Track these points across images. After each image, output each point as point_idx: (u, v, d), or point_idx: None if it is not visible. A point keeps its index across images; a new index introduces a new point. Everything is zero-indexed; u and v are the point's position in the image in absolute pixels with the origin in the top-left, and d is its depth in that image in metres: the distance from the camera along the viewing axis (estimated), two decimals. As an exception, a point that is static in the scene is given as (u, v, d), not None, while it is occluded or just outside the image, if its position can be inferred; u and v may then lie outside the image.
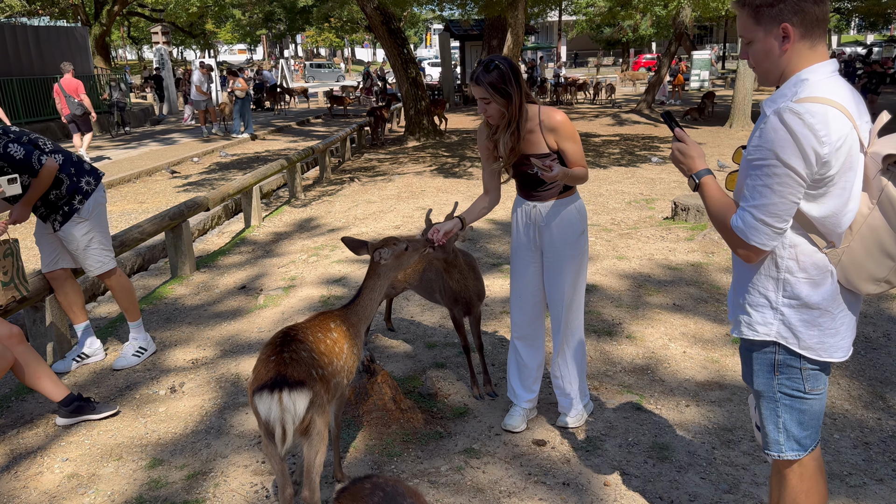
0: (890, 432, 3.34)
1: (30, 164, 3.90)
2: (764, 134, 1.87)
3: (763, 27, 1.92)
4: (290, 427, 2.29)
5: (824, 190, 1.87)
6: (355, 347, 2.83)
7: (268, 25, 47.16)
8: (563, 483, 3.03)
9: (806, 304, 1.98)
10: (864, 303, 4.99)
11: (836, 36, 59.03)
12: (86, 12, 29.09)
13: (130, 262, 6.86)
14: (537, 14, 22.90)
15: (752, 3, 1.91)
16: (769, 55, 1.94)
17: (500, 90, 2.95)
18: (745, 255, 1.97)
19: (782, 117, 1.82)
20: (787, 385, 2.06)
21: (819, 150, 1.80)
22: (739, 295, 2.11)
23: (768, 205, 1.87)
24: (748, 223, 1.91)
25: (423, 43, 69.09)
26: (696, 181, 2.07)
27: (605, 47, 51.44)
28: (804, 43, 1.89)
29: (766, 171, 1.86)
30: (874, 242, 1.89)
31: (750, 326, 2.07)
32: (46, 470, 3.29)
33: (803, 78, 1.89)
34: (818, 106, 1.81)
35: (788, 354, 2.04)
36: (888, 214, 1.86)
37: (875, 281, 1.93)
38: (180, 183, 11.58)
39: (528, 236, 3.29)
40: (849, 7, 26.58)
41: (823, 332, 1.99)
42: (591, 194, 9.03)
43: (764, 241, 1.92)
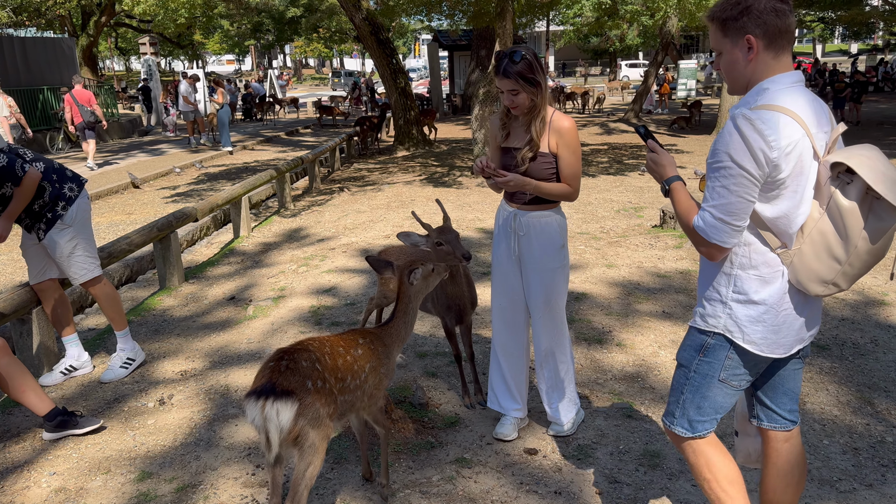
0: (879, 437, 3.36)
1: (13, 172, 3.88)
2: (720, 138, 2.00)
3: (730, 39, 2.05)
4: (273, 435, 2.28)
5: (777, 192, 1.98)
6: (383, 367, 2.82)
7: (256, 36, 47.19)
8: (554, 492, 3.02)
9: (753, 301, 2.09)
10: (852, 309, 5.02)
11: (821, 45, 59.67)
12: (73, 23, 29.01)
13: (118, 274, 6.82)
14: (525, 24, 22.99)
15: (720, 16, 2.05)
16: (735, 65, 2.07)
17: (529, 80, 2.99)
18: (708, 252, 2.09)
19: (736, 122, 1.96)
20: (705, 366, 2.19)
21: (768, 154, 1.92)
22: (699, 289, 2.25)
23: (726, 204, 1.98)
24: (708, 222, 2.02)
25: (411, 53, 69.26)
26: (667, 187, 2.21)
27: (593, 57, 51.76)
28: (768, 53, 2.02)
29: (723, 173, 1.98)
30: (823, 246, 1.98)
31: (703, 318, 2.19)
32: (33, 484, 3.25)
33: (764, 87, 2.02)
34: (770, 113, 1.94)
35: (723, 342, 2.15)
36: (836, 220, 1.96)
37: (823, 283, 2.02)
38: (169, 194, 11.53)
39: (508, 244, 3.30)
40: (833, 16, 26.84)
41: (767, 328, 2.10)
42: (579, 203, 9.06)
43: (723, 238, 2.02)
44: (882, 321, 4.81)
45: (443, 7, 16.94)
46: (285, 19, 42.32)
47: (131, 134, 21.88)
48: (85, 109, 14.51)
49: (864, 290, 5.42)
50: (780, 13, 1.99)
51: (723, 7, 2.05)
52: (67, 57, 21.02)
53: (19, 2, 22.70)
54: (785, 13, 2.00)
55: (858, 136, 15.60)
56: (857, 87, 18.73)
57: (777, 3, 1.99)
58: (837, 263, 1.98)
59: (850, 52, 53.69)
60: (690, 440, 2.27)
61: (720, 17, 2.05)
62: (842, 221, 1.94)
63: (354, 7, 14.68)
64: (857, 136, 15.59)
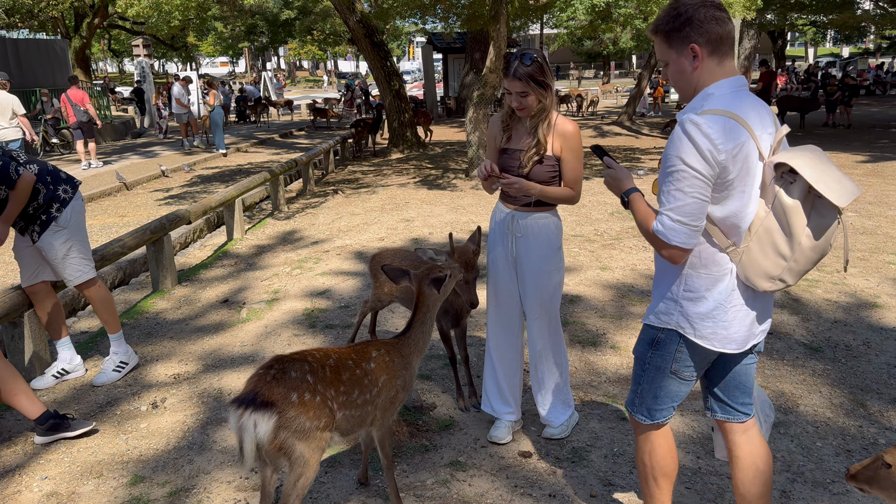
0: (871, 439, 3.37)
1: (7, 176, 3.87)
2: (670, 144, 2.07)
3: (675, 49, 2.15)
4: (247, 445, 2.24)
5: (726, 193, 2.07)
6: (399, 379, 2.75)
7: (250, 38, 47.11)
8: (549, 495, 3.02)
9: (703, 298, 2.18)
10: (844, 311, 5.04)
11: (813, 49, 59.94)
12: (66, 25, 28.91)
13: (111, 276, 6.79)
14: (519, 27, 23.04)
15: (664, 29, 2.15)
16: (683, 74, 2.17)
17: (539, 82, 3.01)
18: (670, 255, 2.13)
19: (684, 127, 2.04)
20: (657, 359, 2.31)
21: (716, 156, 2.00)
22: (654, 289, 2.37)
23: (682, 206, 2.05)
24: (667, 225, 2.08)
25: (405, 56, 69.31)
26: (626, 198, 2.30)
27: (586, 60, 51.90)
28: (712, 60, 2.12)
29: (676, 176, 2.05)
30: (769, 243, 2.07)
31: (656, 315, 2.30)
32: (25, 489, 3.23)
33: (709, 93, 2.12)
34: (716, 117, 2.03)
35: (672, 335, 2.26)
36: (780, 218, 2.05)
37: (770, 279, 2.10)
38: (162, 196, 11.50)
39: (504, 246, 3.30)
40: (824, 20, 26.98)
41: (717, 324, 2.18)
42: (574, 205, 9.06)
43: (683, 240, 2.08)
44: (874, 323, 4.83)
45: (437, 10, 16.96)
46: (279, 21, 42.26)
47: (124, 136, 21.81)
48: (79, 109, 14.63)
49: (857, 293, 5.44)
50: (719, 21, 2.09)
51: (666, 20, 2.14)
52: (60, 59, 20.96)
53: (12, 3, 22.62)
54: (724, 20, 2.10)
55: (850, 140, 15.67)
56: (848, 91, 18.85)
57: (716, 12, 2.09)
58: (783, 260, 2.06)
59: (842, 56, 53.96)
60: (648, 427, 2.41)
61: (664, 29, 2.15)
62: (786, 219, 2.03)
63: (349, 9, 14.68)
64: (848, 140, 15.66)
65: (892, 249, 6.64)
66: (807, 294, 5.44)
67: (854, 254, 6.54)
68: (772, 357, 4.34)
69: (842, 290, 5.53)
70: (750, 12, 11.99)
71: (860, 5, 25.82)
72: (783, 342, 4.56)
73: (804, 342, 4.56)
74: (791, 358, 4.32)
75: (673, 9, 2.13)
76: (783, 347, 4.47)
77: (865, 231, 7.38)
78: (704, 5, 2.09)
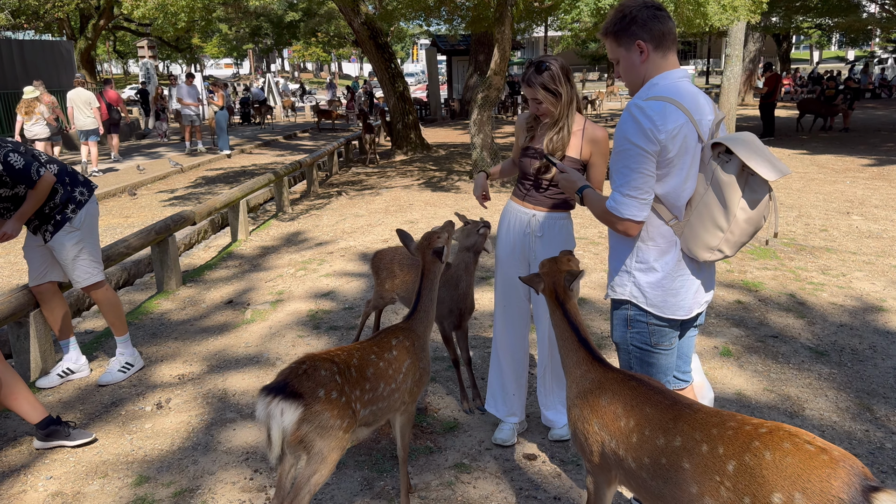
0: (878, 444, 3.36)
1: (28, 175, 3.89)
2: (618, 128, 2.31)
3: (624, 47, 2.39)
4: (275, 433, 2.30)
5: (666, 171, 2.28)
6: (421, 361, 2.83)
7: (254, 40, 47.22)
8: (554, 497, 3.01)
9: (652, 268, 2.40)
10: (850, 315, 5.03)
11: (818, 52, 59.86)
12: (71, 26, 29.00)
13: (116, 277, 6.80)
14: (524, 30, 23.07)
15: (612, 30, 2.39)
16: (633, 68, 2.41)
17: (551, 91, 3.04)
18: (624, 229, 2.33)
19: (630, 111, 2.28)
20: (637, 338, 2.48)
21: (657, 135, 2.22)
22: (610, 263, 2.56)
23: (630, 181, 2.26)
24: (618, 200, 2.29)
25: (409, 58, 69.38)
26: (580, 195, 2.54)
27: (591, 62, 51.90)
28: (657, 54, 2.36)
29: (623, 155, 2.27)
30: (708, 216, 2.28)
31: (612, 288, 2.50)
32: (30, 488, 3.23)
33: (654, 83, 2.36)
34: (658, 102, 2.26)
35: (638, 311, 2.44)
36: (718, 193, 2.25)
37: (709, 249, 2.30)
38: (167, 197, 11.52)
39: (521, 245, 3.29)
40: (830, 24, 26.96)
41: (666, 292, 2.40)
42: (578, 207, 9.04)
43: (634, 212, 2.28)
44: (880, 327, 4.82)
45: (441, 12, 16.98)
46: (284, 23, 42.36)
47: (129, 137, 21.85)
48: (113, 108, 16.07)
49: (863, 297, 5.43)
50: (660, 19, 2.33)
51: (613, 22, 2.38)
52: (65, 60, 21.02)
53: (18, 4, 22.70)
54: (664, 18, 2.34)
55: (855, 143, 15.62)
56: (851, 94, 18.77)
57: (656, 12, 2.34)
58: (720, 231, 2.26)
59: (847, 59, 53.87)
60: None
61: (612, 30, 2.39)
62: (723, 194, 2.23)
63: (353, 11, 14.70)
64: (853, 143, 15.60)
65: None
66: (812, 298, 5.43)
67: (860, 257, 6.52)
68: (777, 360, 4.33)
69: (847, 293, 5.51)
70: (755, 16, 11.96)
71: (865, 8, 25.79)
72: (789, 346, 4.54)
73: (810, 346, 4.54)
74: (797, 361, 4.31)
75: (619, 11, 2.37)
76: (789, 351, 4.46)
77: (871, 235, 7.36)
78: (646, 6, 2.33)
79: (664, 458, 1.94)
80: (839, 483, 1.59)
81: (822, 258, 6.53)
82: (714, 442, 1.83)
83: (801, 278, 5.93)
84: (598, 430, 2.19)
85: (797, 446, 1.69)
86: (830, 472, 1.61)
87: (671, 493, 1.92)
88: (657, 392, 2.11)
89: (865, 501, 1.56)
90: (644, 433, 2.02)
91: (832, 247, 6.93)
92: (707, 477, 1.81)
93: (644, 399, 2.10)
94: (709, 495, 1.80)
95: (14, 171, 3.85)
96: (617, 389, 2.19)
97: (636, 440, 2.04)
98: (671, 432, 1.95)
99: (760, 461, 1.71)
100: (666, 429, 1.97)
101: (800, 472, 1.64)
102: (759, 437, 1.76)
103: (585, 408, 2.25)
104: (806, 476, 1.63)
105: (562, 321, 2.47)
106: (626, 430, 2.09)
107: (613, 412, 2.15)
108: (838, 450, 1.68)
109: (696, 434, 1.88)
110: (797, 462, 1.66)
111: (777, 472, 1.67)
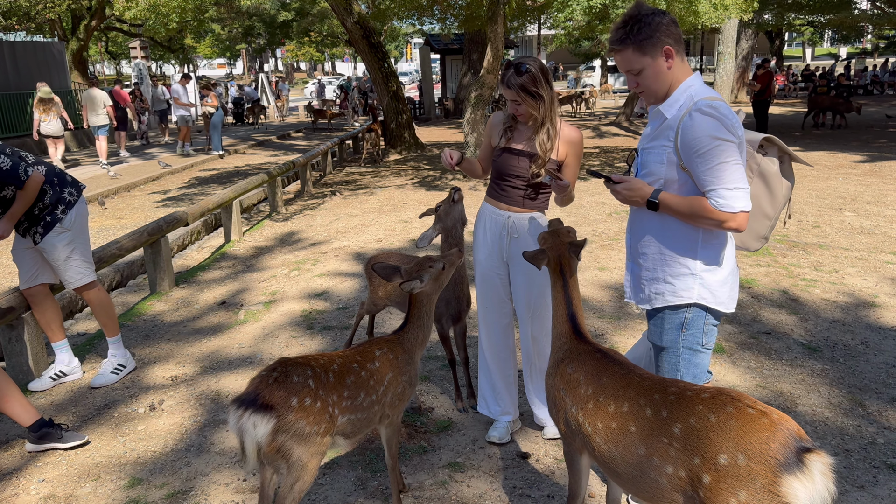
0: (870, 439, 3.37)
1: (17, 176, 3.88)
2: (693, 130, 2.24)
3: (649, 55, 2.33)
4: (249, 446, 2.26)
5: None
6: (404, 374, 2.75)
7: (247, 40, 47.05)
8: (547, 495, 3.02)
9: (718, 266, 2.39)
10: (843, 311, 5.05)
11: (811, 49, 60.02)
12: (63, 27, 28.86)
13: (108, 279, 6.77)
14: (517, 28, 23.06)
15: (635, 40, 2.32)
16: (660, 75, 2.36)
17: (531, 93, 3.02)
18: (737, 224, 2.24)
19: (702, 111, 2.24)
20: (689, 340, 2.45)
21: (737, 131, 2.25)
22: (654, 272, 2.46)
23: (732, 174, 2.22)
24: (727, 197, 2.22)
25: (403, 57, 69.32)
26: (656, 201, 2.37)
27: (584, 61, 51.88)
28: (679, 58, 2.36)
29: (715, 152, 2.22)
30: (757, 207, 2.37)
31: (674, 294, 2.42)
32: (22, 491, 3.22)
33: (689, 84, 2.36)
34: (721, 102, 2.28)
35: (699, 312, 2.42)
36: (765, 182, 2.36)
37: (759, 238, 2.44)
38: (159, 198, 11.48)
39: (499, 246, 3.30)
40: (822, 20, 27.03)
41: (731, 287, 2.43)
42: (571, 205, 9.06)
43: (745, 204, 2.23)
44: (872, 323, 4.84)
45: (434, 11, 16.97)
46: (276, 23, 42.21)
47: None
48: (119, 106, 16.95)
49: (855, 293, 5.45)
50: (676, 23, 2.36)
51: (633, 32, 2.32)
52: (57, 61, 20.89)
53: (8, 6, 22.58)
54: (677, 23, 2.37)
55: (848, 140, 15.68)
56: (845, 92, 18.77)
57: (670, 17, 2.35)
58: (767, 219, 2.39)
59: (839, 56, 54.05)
60: None
61: (635, 40, 2.32)
62: (770, 183, 2.36)
63: (346, 11, 14.67)
64: (846, 140, 15.66)
65: (891, 249, 6.64)
66: (805, 294, 5.45)
67: (852, 253, 6.54)
68: (770, 357, 4.34)
69: (840, 289, 5.53)
70: (746, 13, 11.99)
71: (857, 5, 25.87)
72: (782, 342, 4.56)
73: (803, 342, 4.55)
74: (790, 358, 4.32)
75: (636, 20, 2.31)
76: (782, 347, 4.47)
77: (864, 231, 7.39)
78: (654, 13, 2.32)
79: (614, 422, 2.09)
80: (776, 445, 1.73)
81: (814, 254, 6.55)
82: (657, 406, 1.99)
83: (794, 275, 5.95)
84: (564, 397, 2.35)
85: (739, 410, 1.83)
86: (770, 434, 1.75)
87: (622, 455, 2.05)
88: (616, 363, 2.25)
89: (799, 461, 1.71)
90: (599, 400, 2.18)
91: (825, 243, 6.95)
92: (654, 439, 1.96)
93: (603, 369, 2.25)
94: (657, 456, 1.94)
95: (2, 172, 3.83)
96: (583, 359, 2.34)
97: (592, 406, 2.19)
98: (620, 399, 2.10)
99: (705, 423, 1.85)
100: (616, 396, 2.12)
101: (742, 434, 1.78)
102: (703, 402, 1.90)
103: (557, 376, 2.42)
104: (748, 438, 1.77)
105: (559, 293, 2.56)
106: (585, 397, 2.24)
107: (576, 380, 2.30)
108: (777, 413, 1.82)
109: (641, 399, 2.04)
110: (740, 425, 1.79)
111: (721, 434, 1.81)
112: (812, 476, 1.70)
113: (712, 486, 1.79)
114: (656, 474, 1.95)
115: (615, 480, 2.15)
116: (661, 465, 1.93)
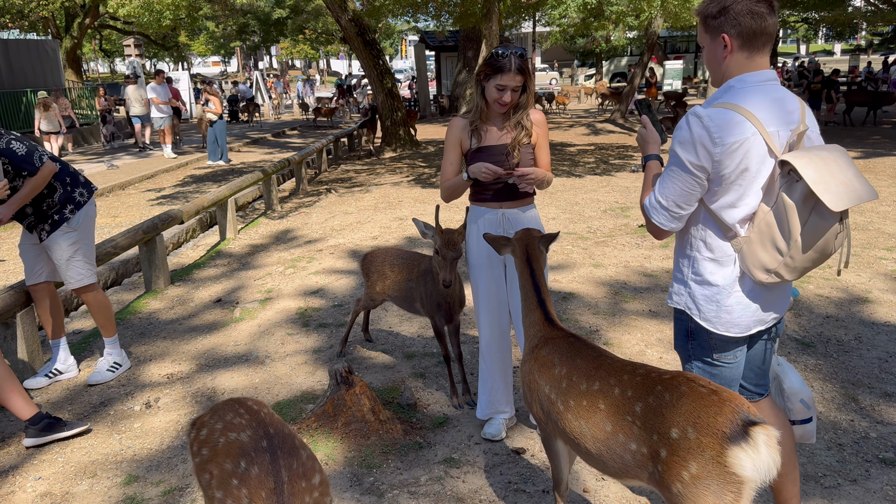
0: (863, 433, 3.40)
1: (31, 161, 3.91)
2: (676, 131, 2.17)
3: (709, 35, 2.18)
4: None
5: (719, 187, 2.13)
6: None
7: (242, 37, 46.95)
8: (542, 491, 3.03)
9: (707, 282, 2.25)
10: (836, 306, 5.07)
11: (805, 45, 60.17)
12: (56, 25, 28.77)
13: (104, 277, 6.77)
14: (511, 25, 23.09)
15: (702, 13, 2.18)
16: (714, 61, 2.21)
17: (531, 73, 3.14)
18: (652, 230, 2.29)
19: (688, 118, 2.12)
20: (699, 351, 2.35)
21: (711, 149, 2.06)
22: (675, 270, 2.43)
23: (667, 191, 2.18)
24: (652, 204, 2.24)
25: (398, 54, 69.21)
26: (644, 163, 2.41)
27: (579, 58, 51.92)
28: (742, 53, 2.13)
29: (670, 163, 2.17)
30: (768, 237, 2.10)
31: (670, 296, 2.40)
32: (18, 489, 3.22)
33: (730, 85, 2.16)
34: (723, 111, 2.07)
35: (697, 323, 2.31)
36: (780, 215, 2.07)
37: (766, 271, 2.13)
38: (154, 196, 11.46)
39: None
40: (816, 17, 27.07)
41: (720, 308, 2.24)
42: (567, 203, 9.09)
43: (661, 220, 2.22)
44: (866, 318, 4.86)
45: (429, 8, 16.97)
46: (271, 21, 42.12)
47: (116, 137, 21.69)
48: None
49: (849, 288, 5.47)
50: (756, 15, 2.07)
51: (706, 4, 2.16)
52: (51, 59, 20.84)
53: (2, 3, 22.48)
54: (762, 15, 2.07)
55: (842, 136, 15.73)
56: (831, 86, 18.79)
57: (755, 6, 2.06)
58: (780, 255, 2.09)
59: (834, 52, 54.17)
60: None
61: (703, 13, 2.18)
62: (785, 217, 2.05)
63: (340, 8, 14.65)
64: (840, 136, 15.71)
65: (884, 245, 6.68)
66: (799, 289, 5.47)
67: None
68: (764, 352, 4.36)
69: (833, 285, 5.56)
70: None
71: (851, 2, 25.94)
72: (775, 337, 4.58)
73: (796, 337, 4.58)
74: (783, 353, 4.34)
75: None
76: (775, 343, 4.50)
77: (857, 227, 7.42)
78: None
79: (585, 400, 2.17)
80: (723, 419, 1.82)
81: (808, 250, 6.57)
82: (624, 386, 2.08)
83: (788, 271, 5.97)
84: (538, 379, 2.42)
85: (692, 389, 1.92)
86: (717, 409, 1.85)
87: (591, 432, 2.14)
88: (589, 347, 2.35)
89: (745, 433, 1.78)
90: (572, 379, 2.26)
91: (818, 239, 6.98)
92: (620, 417, 2.05)
93: (576, 352, 2.34)
94: (622, 433, 2.04)
95: (17, 157, 3.86)
96: (557, 343, 2.43)
97: (565, 385, 2.27)
98: (592, 378, 2.19)
99: (661, 401, 1.95)
100: (588, 376, 2.21)
101: (692, 409, 1.88)
102: (662, 382, 2.00)
103: (531, 360, 2.48)
104: (697, 413, 1.86)
105: (528, 282, 2.66)
106: (559, 377, 2.31)
107: (550, 361, 2.38)
108: (727, 391, 1.90)
109: (611, 379, 2.13)
110: (691, 402, 1.89)
111: (674, 410, 1.91)
112: (757, 447, 1.77)
113: (667, 460, 1.90)
114: (622, 450, 2.04)
115: (585, 459, 2.24)
116: (626, 441, 2.02)
